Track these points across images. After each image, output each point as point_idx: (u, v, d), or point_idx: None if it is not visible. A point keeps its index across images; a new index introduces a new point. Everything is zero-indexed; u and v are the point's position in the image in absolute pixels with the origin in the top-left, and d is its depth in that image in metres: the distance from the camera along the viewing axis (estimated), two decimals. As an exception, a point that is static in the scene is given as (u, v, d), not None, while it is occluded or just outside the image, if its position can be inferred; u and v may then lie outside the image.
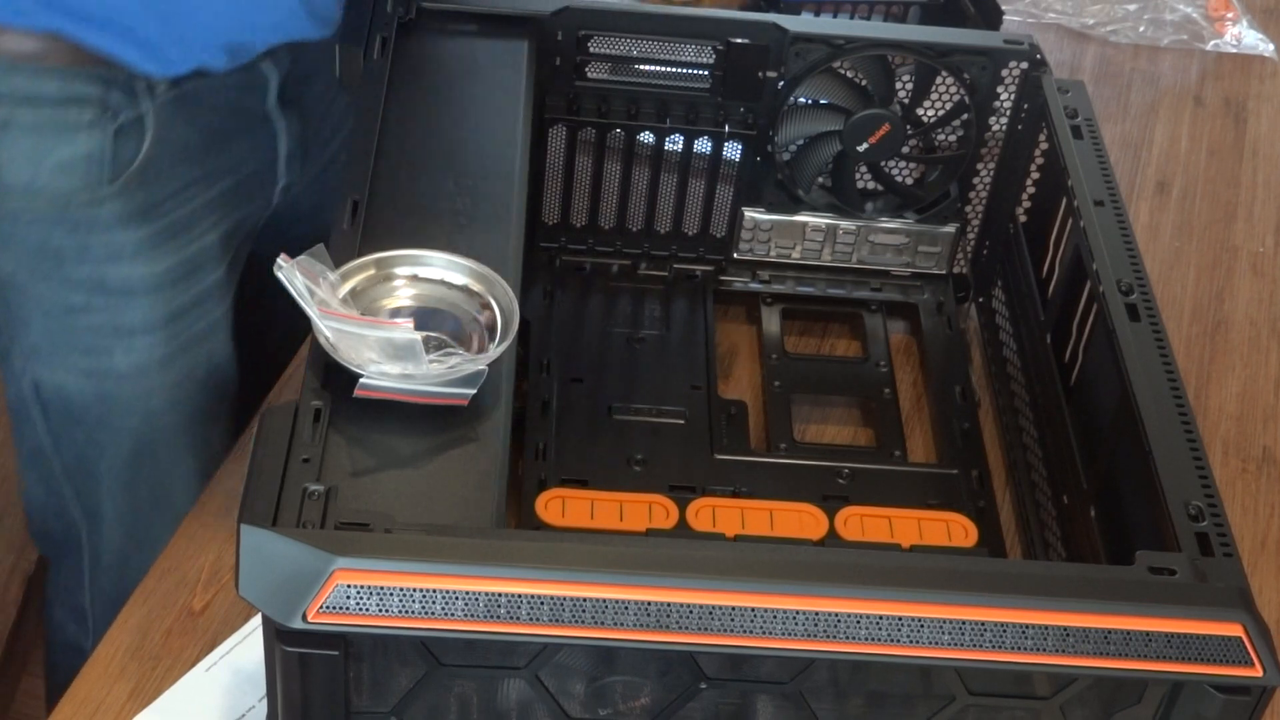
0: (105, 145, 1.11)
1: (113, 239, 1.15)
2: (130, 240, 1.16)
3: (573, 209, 1.26)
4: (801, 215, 1.26)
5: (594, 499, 1.06)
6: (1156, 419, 0.91)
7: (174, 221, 1.18)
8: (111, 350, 1.20)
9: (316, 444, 0.83)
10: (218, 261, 1.23)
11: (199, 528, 1.09)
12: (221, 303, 1.25)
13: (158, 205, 1.16)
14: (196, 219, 1.19)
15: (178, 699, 0.98)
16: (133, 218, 1.15)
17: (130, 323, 1.19)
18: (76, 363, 1.21)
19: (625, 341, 1.22)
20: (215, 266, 1.23)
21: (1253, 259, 1.43)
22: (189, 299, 1.21)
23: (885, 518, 1.07)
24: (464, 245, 0.94)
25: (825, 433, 1.19)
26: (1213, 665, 0.78)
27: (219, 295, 1.24)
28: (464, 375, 0.85)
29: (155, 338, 1.20)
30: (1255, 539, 1.18)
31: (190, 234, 1.19)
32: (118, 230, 1.15)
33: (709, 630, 0.76)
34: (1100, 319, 1.00)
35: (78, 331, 1.20)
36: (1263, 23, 1.74)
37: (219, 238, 1.22)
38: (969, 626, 0.77)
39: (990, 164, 1.23)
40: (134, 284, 1.18)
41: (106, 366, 1.21)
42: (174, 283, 1.20)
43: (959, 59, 1.18)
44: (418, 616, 0.75)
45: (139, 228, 1.16)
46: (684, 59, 1.19)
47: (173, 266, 1.19)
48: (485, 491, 0.83)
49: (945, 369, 1.23)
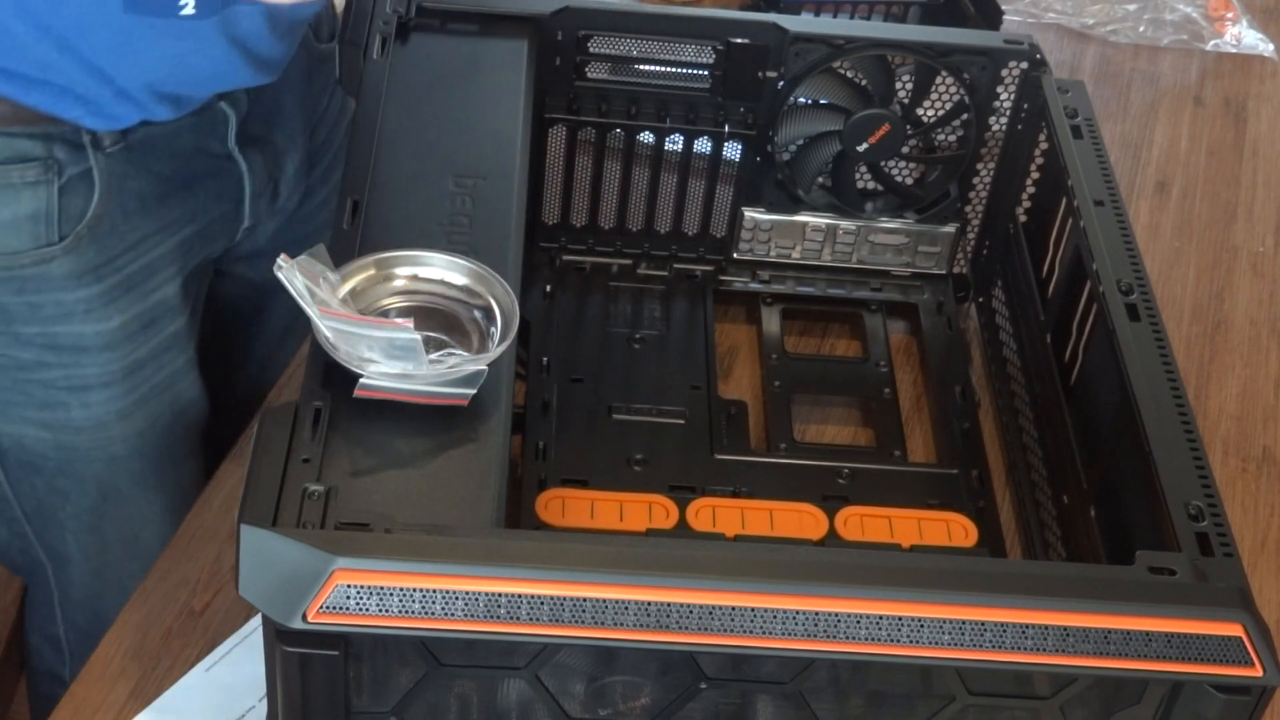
0: (51, 203, 1.07)
1: (63, 298, 1.11)
2: (82, 298, 1.11)
3: (573, 209, 1.26)
4: (801, 215, 1.26)
5: (594, 499, 1.06)
6: (1156, 419, 0.91)
7: (129, 276, 1.13)
8: (68, 405, 1.16)
9: (316, 444, 0.83)
10: (177, 312, 1.18)
11: (199, 528, 1.09)
12: (183, 351, 1.20)
13: (111, 261, 1.11)
14: (154, 271, 1.15)
15: (178, 699, 0.98)
16: (84, 275, 1.10)
17: (85, 379, 1.15)
18: (32, 416, 1.17)
19: (625, 341, 1.22)
20: (175, 317, 1.18)
21: (1253, 259, 1.43)
22: (147, 352, 1.17)
23: (885, 518, 1.07)
24: (464, 245, 0.94)
25: (825, 433, 1.19)
26: (1213, 665, 0.78)
27: (180, 344, 1.20)
28: (464, 375, 0.85)
29: (113, 392, 1.16)
30: (1255, 539, 1.18)
31: (147, 286, 1.15)
32: (68, 289, 1.10)
33: (709, 630, 0.76)
34: (1100, 319, 1.00)
35: (31, 387, 1.15)
36: (1263, 23, 1.74)
37: (179, 288, 1.17)
38: (969, 626, 0.77)
39: (990, 164, 1.23)
40: (87, 341, 1.13)
41: (63, 420, 1.17)
42: (130, 337, 1.15)
43: (959, 59, 1.18)
44: (418, 616, 0.75)
45: (91, 285, 1.11)
46: (684, 59, 1.19)
47: (129, 321, 1.14)
48: (485, 491, 0.83)
49: (945, 369, 1.23)
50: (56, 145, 1.06)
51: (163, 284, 1.16)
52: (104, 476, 1.21)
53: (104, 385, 1.16)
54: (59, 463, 1.20)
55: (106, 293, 1.12)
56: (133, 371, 1.17)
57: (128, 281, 1.13)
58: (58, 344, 1.13)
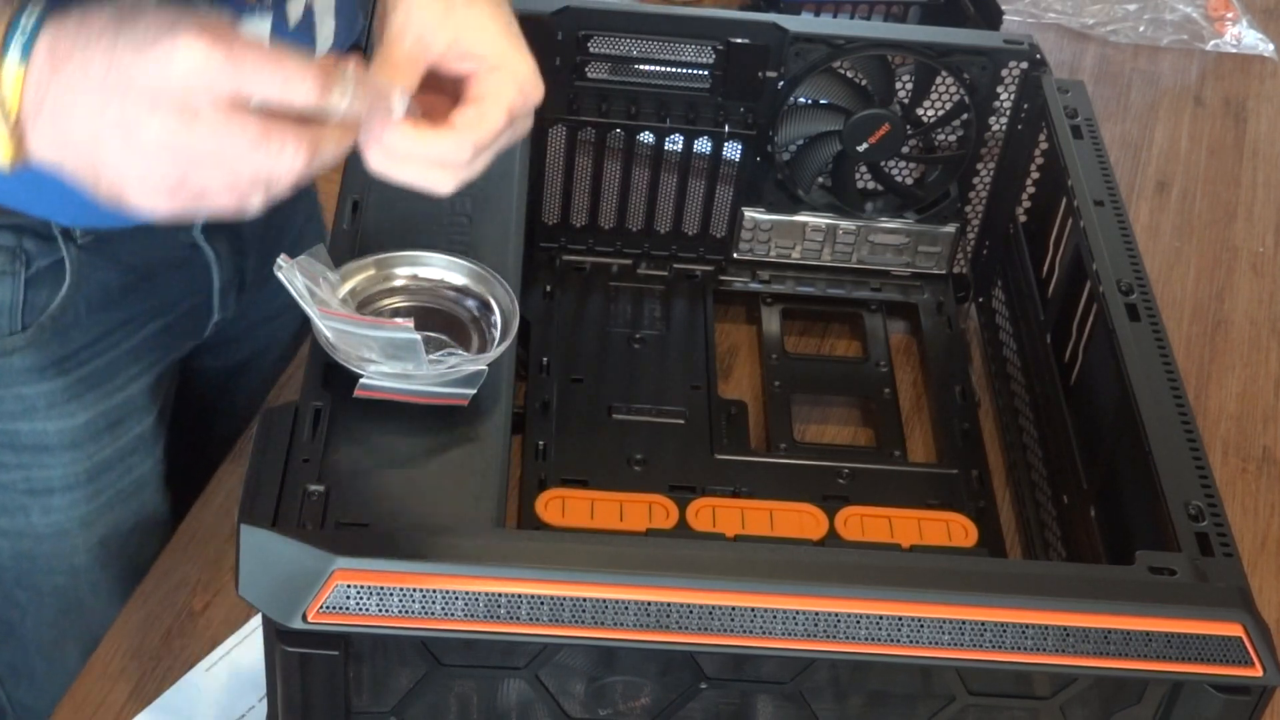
0: (16, 294, 1.01)
1: (24, 392, 1.05)
2: (44, 393, 1.06)
3: (573, 209, 1.26)
4: (801, 215, 1.26)
5: (594, 499, 1.06)
6: (1156, 419, 0.91)
7: (94, 371, 1.08)
8: (28, 509, 1.11)
9: (316, 444, 0.83)
10: (144, 411, 1.13)
11: (199, 528, 1.09)
12: (150, 455, 1.15)
13: (75, 354, 1.06)
14: (120, 368, 1.10)
15: (178, 699, 0.98)
16: (47, 369, 1.05)
17: (47, 481, 1.10)
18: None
19: (625, 341, 1.22)
20: (142, 417, 1.13)
21: (1253, 259, 1.43)
22: (113, 453, 1.12)
23: (885, 518, 1.07)
24: (464, 245, 0.93)
25: (825, 433, 1.19)
26: (1213, 665, 0.78)
27: (147, 447, 1.14)
28: (464, 375, 0.85)
29: (75, 496, 1.11)
30: (1255, 539, 1.18)
31: (113, 384, 1.10)
32: (30, 383, 1.05)
33: (709, 630, 0.76)
34: (1100, 319, 1.00)
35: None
36: (1263, 23, 1.74)
37: (146, 386, 1.12)
38: (969, 626, 0.77)
39: (990, 164, 1.23)
40: (49, 440, 1.08)
41: (23, 526, 1.11)
42: (94, 436, 1.10)
43: (959, 59, 1.18)
44: (418, 616, 0.75)
45: (53, 379, 1.06)
46: (684, 59, 1.19)
47: (93, 419, 1.09)
48: (485, 491, 0.83)
49: (945, 369, 1.23)
50: (27, 237, 1.01)
51: (128, 382, 1.11)
52: (65, 588, 1.15)
53: (66, 488, 1.11)
54: (17, 574, 1.15)
55: (70, 387, 1.07)
56: (97, 474, 1.12)
57: (92, 377, 1.08)
58: (18, 443, 1.08)
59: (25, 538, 1.13)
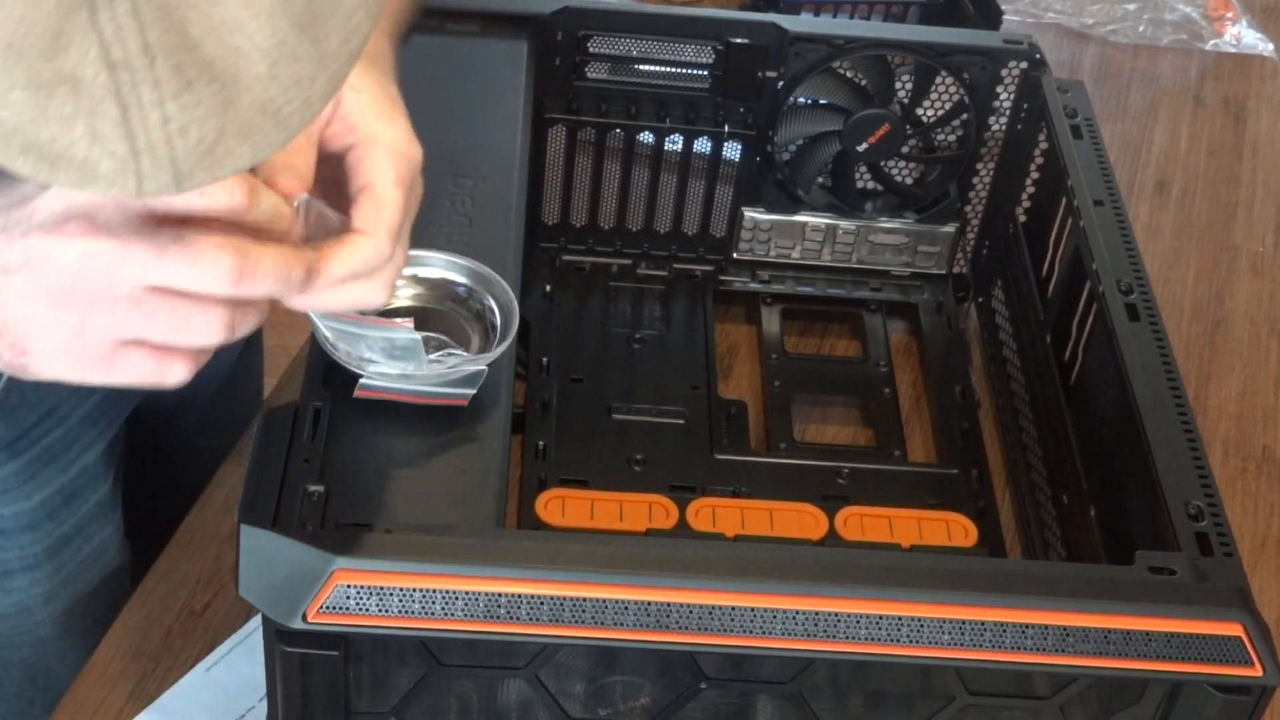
0: None
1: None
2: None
3: (572, 209, 1.26)
4: (801, 215, 1.26)
5: (594, 499, 1.06)
6: (1156, 419, 0.91)
7: (47, 448, 1.05)
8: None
9: (316, 444, 0.83)
10: (101, 479, 1.10)
11: (199, 528, 1.09)
12: (109, 520, 1.13)
13: (25, 434, 1.03)
14: (73, 439, 1.06)
15: (178, 699, 0.98)
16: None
17: (5, 564, 1.08)
18: None
19: (625, 341, 1.22)
20: (99, 485, 1.10)
21: (1253, 259, 1.43)
22: (71, 527, 1.09)
23: (885, 518, 1.07)
24: (464, 245, 0.93)
25: (825, 433, 1.19)
26: (1213, 665, 0.78)
27: (106, 514, 1.12)
28: (464, 375, 0.85)
29: (36, 575, 1.09)
30: (1255, 539, 1.18)
31: (67, 457, 1.07)
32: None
33: (709, 630, 0.76)
34: (1100, 319, 1.00)
35: None
36: (1262, 22, 1.74)
37: (101, 452, 1.09)
38: (969, 626, 0.77)
39: (990, 164, 1.23)
40: (5, 524, 1.06)
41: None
42: (52, 514, 1.07)
43: (959, 59, 1.18)
44: (418, 617, 0.75)
45: (6, 463, 1.03)
46: (684, 59, 1.19)
47: (49, 497, 1.06)
48: (485, 491, 0.83)
49: (945, 369, 1.23)
50: None
51: (83, 452, 1.08)
52: (31, 660, 1.13)
53: (26, 569, 1.08)
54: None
55: (24, 469, 1.04)
56: (57, 550, 1.09)
57: (46, 454, 1.05)
58: None
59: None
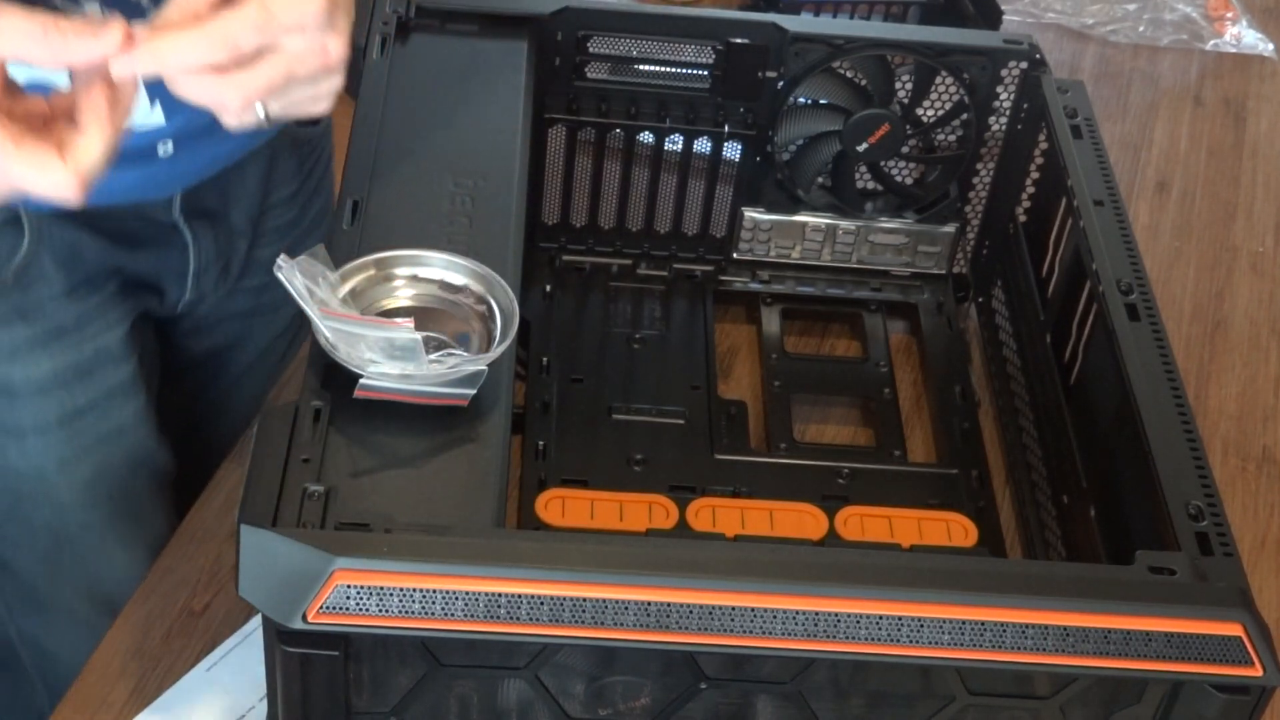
0: None
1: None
2: (4, 342, 1.07)
3: (572, 209, 1.26)
4: (801, 215, 1.26)
5: (594, 499, 1.06)
6: (1156, 419, 0.91)
7: (60, 324, 1.09)
8: (5, 448, 1.13)
9: (316, 444, 0.83)
10: (120, 361, 1.13)
11: (199, 528, 1.09)
12: (131, 400, 1.15)
13: (40, 307, 1.07)
14: (88, 319, 1.10)
15: (178, 699, 0.98)
16: (9, 317, 1.06)
17: (19, 424, 1.11)
18: None
19: (625, 341, 1.22)
20: (118, 365, 1.13)
21: (1253, 259, 1.43)
22: (86, 401, 1.12)
23: (885, 518, 1.07)
24: (464, 245, 0.93)
25: (825, 433, 1.19)
26: (1212, 665, 0.78)
27: (127, 393, 1.15)
28: (464, 375, 0.85)
29: (49, 439, 1.12)
30: (1255, 539, 1.18)
31: (82, 335, 1.10)
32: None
33: (709, 630, 0.76)
34: (1100, 319, 1.00)
35: None
36: (1262, 22, 1.74)
37: (120, 337, 1.12)
38: (969, 626, 0.77)
39: (990, 164, 1.23)
40: (16, 386, 1.10)
41: (3, 464, 1.13)
42: (64, 384, 1.11)
43: (959, 59, 1.18)
44: (418, 617, 0.75)
45: (16, 328, 1.07)
46: (684, 59, 1.19)
47: (61, 369, 1.10)
48: (485, 491, 0.83)
49: (945, 369, 1.23)
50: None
51: (100, 332, 1.11)
52: (53, 524, 1.17)
53: (39, 432, 1.12)
54: (5, 508, 1.17)
55: (36, 338, 1.08)
56: (70, 420, 1.12)
57: (58, 329, 1.09)
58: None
59: (7, 474, 1.14)
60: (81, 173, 0.75)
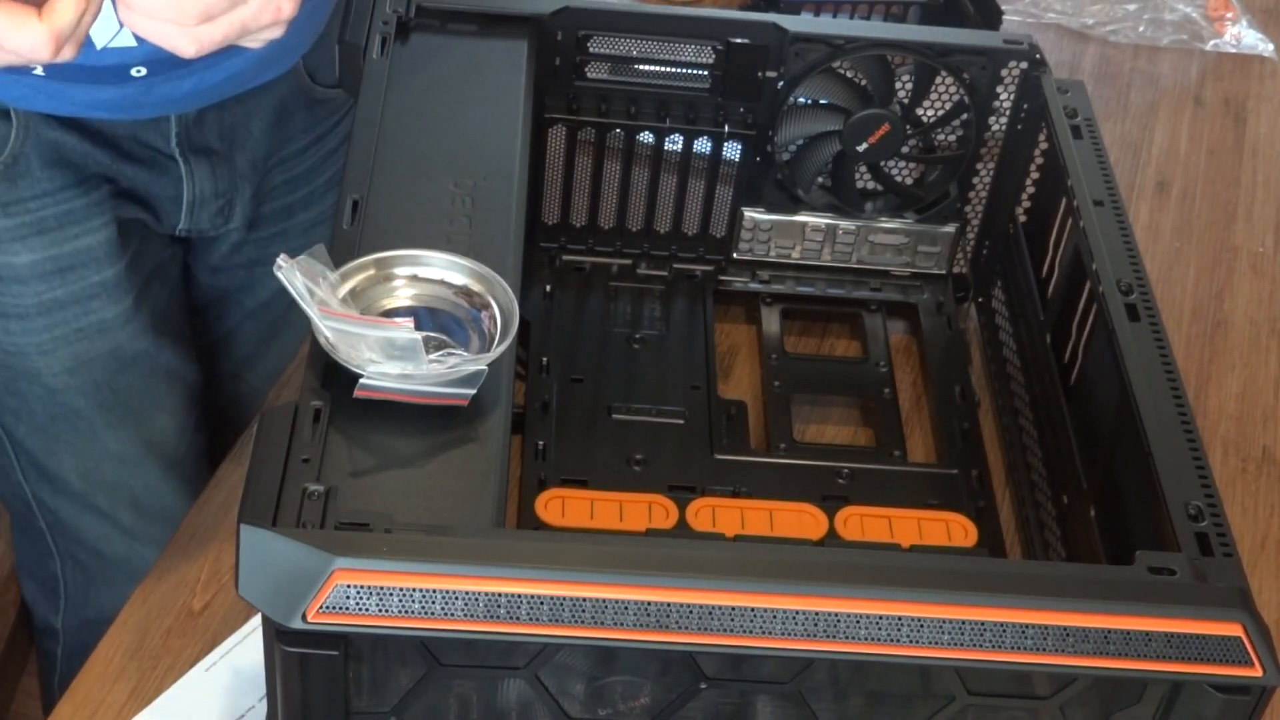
0: None
1: None
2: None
3: (572, 209, 1.26)
4: (801, 215, 1.26)
5: (594, 499, 1.06)
6: (1156, 419, 0.91)
7: (42, 219, 1.12)
8: None
9: (316, 444, 0.83)
10: (103, 262, 1.16)
11: (199, 528, 1.09)
12: (117, 302, 1.18)
13: (21, 201, 1.11)
14: (71, 219, 1.13)
15: (178, 699, 0.98)
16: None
17: (3, 306, 1.16)
18: None
19: (625, 341, 1.22)
20: (101, 267, 1.16)
21: (1253, 259, 1.43)
22: (66, 295, 1.16)
23: (885, 518, 1.07)
24: (464, 245, 0.94)
25: (825, 433, 1.19)
26: (1212, 665, 0.78)
27: (111, 294, 1.17)
28: (464, 375, 0.85)
29: (28, 325, 1.16)
30: (1255, 539, 1.18)
31: (64, 233, 1.13)
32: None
33: (709, 630, 0.76)
34: (1100, 319, 1.00)
35: None
36: (1263, 23, 1.74)
37: (102, 241, 1.15)
38: (969, 626, 0.77)
39: (990, 164, 1.23)
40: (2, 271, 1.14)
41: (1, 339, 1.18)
42: (42, 277, 1.14)
43: (959, 59, 1.18)
44: (417, 616, 0.75)
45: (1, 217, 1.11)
46: (684, 59, 1.19)
47: (40, 261, 1.13)
48: (485, 491, 0.83)
49: (945, 369, 1.23)
50: None
51: (83, 234, 1.14)
52: (46, 400, 1.21)
53: (18, 316, 1.16)
54: (5, 380, 1.21)
55: (13, 229, 1.11)
56: (48, 310, 1.15)
57: (39, 224, 1.12)
58: None
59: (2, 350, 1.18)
60: (55, 31, 0.78)
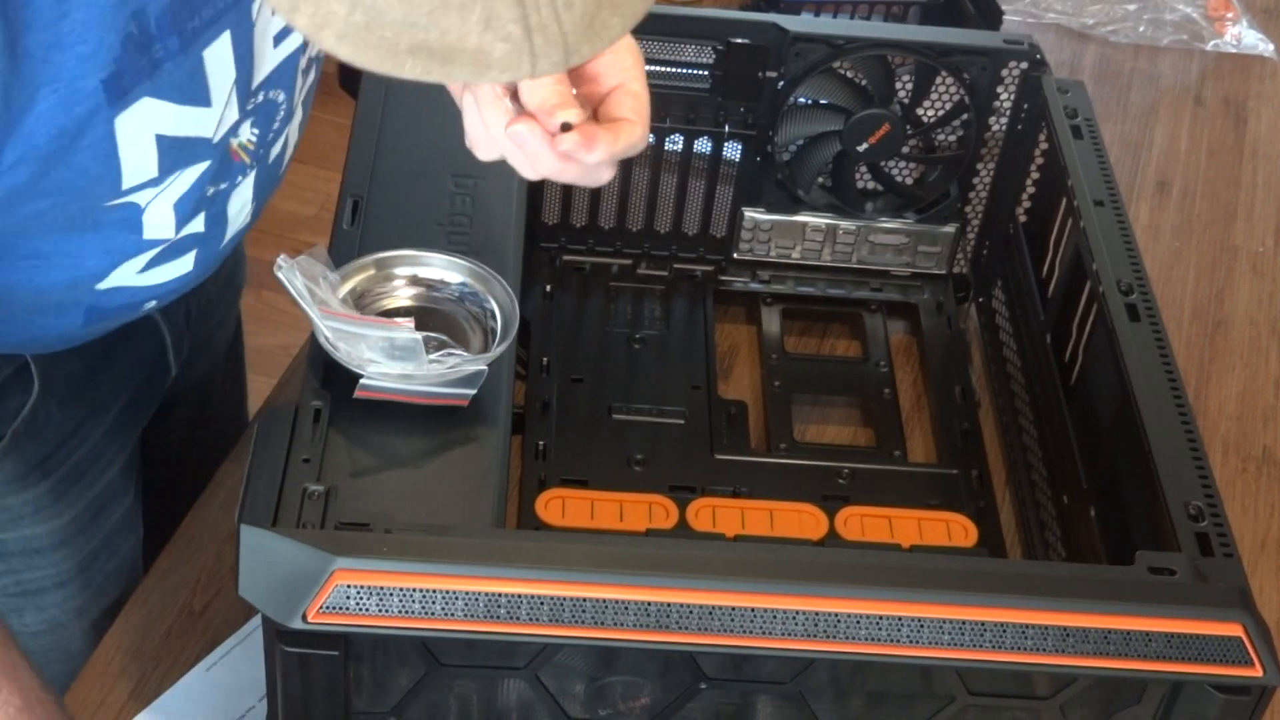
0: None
1: (8, 502, 1.04)
2: (28, 500, 1.05)
3: (573, 209, 1.26)
4: (801, 215, 1.26)
5: (594, 499, 1.06)
6: (1156, 419, 0.91)
7: (74, 466, 1.07)
8: (21, 610, 1.11)
9: (316, 444, 0.83)
10: (124, 492, 1.13)
11: (199, 528, 1.09)
12: (133, 532, 1.15)
13: (53, 454, 1.05)
14: (97, 455, 1.09)
15: (178, 699, 0.98)
16: (28, 476, 1.04)
17: (39, 582, 1.10)
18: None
19: (625, 341, 1.22)
20: (123, 498, 1.13)
21: (1253, 259, 1.43)
22: (99, 542, 1.11)
23: (885, 518, 1.07)
24: (464, 245, 0.94)
25: (825, 433, 1.19)
26: (1213, 665, 0.78)
27: (130, 525, 1.15)
28: (464, 375, 0.85)
29: (69, 590, 1.11)
30: (1255, 539, 1.18)
31: (92, 473, 1.09)
32: (13, 492, 1.04)
33: (709, 630, 0.76)
34: (1100, 319, 1.00)
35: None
36: (1263, 23, 1.74)
37: (123, 466, 1.12)
38: (969, 626, 0.77)
39: (990, 164, 1.23)
40: (38, 543, 1.08)
41: (17, 626, 1.10)
42: (82, 530, 1.10)
43: (959, 59, 1.18)
44: (418, 616, 0.75)
45: (36, 484, 1.05)
46: (684, 59, 1.19)
47: (79, 514, 1.09)
48: (485, 491, 0.83)
49: (945, 369, 1.23)
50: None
51: (107, 467, 1.10)
52: (61, 675, 1.11)
53: (58, 586, 1.11)
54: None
55: (53, 489, 1.06)
56: (88, 565, 1.12)
57: (73, 473, 1.07)
58: (6, 550, 1.07)
59: (21, 636, 1.08)
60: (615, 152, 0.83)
